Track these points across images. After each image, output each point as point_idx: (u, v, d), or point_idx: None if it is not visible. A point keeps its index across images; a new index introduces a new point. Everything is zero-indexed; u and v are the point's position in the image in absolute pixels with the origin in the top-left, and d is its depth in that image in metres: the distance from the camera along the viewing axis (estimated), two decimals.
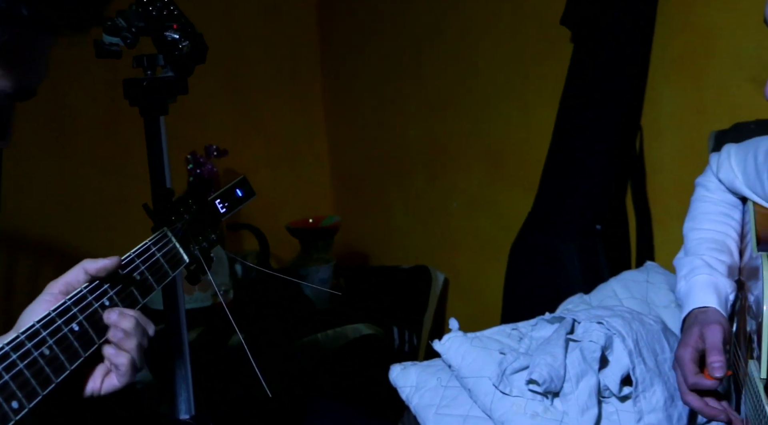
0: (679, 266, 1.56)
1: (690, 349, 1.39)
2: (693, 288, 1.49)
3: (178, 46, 1.39)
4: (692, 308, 1.47)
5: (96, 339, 1.06)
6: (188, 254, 1.29)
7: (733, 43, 2.26)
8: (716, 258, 1.52)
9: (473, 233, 3.22)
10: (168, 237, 1.26)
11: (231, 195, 1.45)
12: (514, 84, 2.95)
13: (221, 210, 1.41)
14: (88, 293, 1.08)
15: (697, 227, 1.62)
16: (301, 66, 3.84)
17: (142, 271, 1.17)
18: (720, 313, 1.44)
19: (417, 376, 1.84)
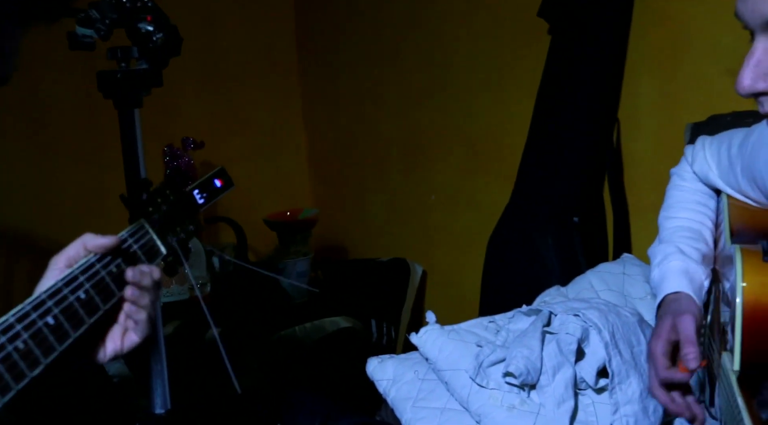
0: (653, 255, 1.56)
1: (662, 342, 1.39)
2: (666, 274, 1.48)
3: (152, 38, 1.38)
4: (665, 293, 1.46)
5: (71, 333, 1.05)
6: (165, 245, 1.28)
7: (710, 36, 2.26)
8: (691, 246, 1.52)
9: (451, 225, 3.22)
10: (145, 228, 1.25)
11: (209, 186, 1.44)
12: (492, 76, 2.95)
13: (199, 201, 1.40)
14: (64, 286, 1.07)
15: (672, 216, 1.61)
16: (278, 58, 3.83)
17: (119, 263, 1.16)
18: (692, 300, 1.44)
19: (394, 369, 1.84)
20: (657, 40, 2.43)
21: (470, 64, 3.03)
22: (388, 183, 3.49)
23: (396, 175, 3.44)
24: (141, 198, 1.28)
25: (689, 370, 1.33)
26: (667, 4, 2.38)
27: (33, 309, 1.01)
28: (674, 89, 2.40)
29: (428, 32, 3.18)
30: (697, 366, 1.32)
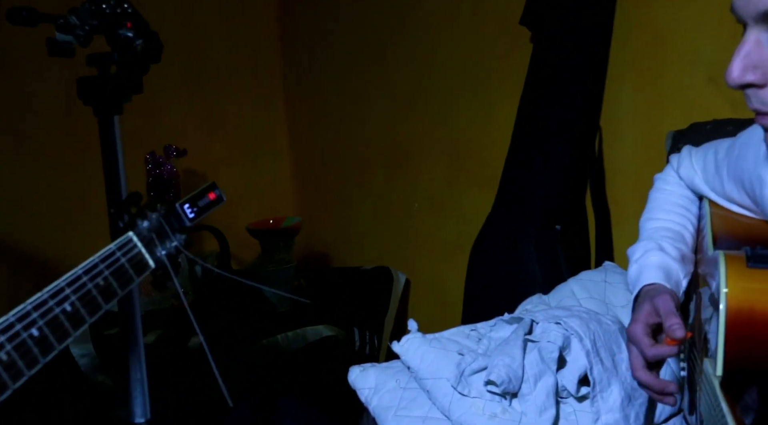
0: (632, 252, 1.55)
1: (641, 324, 1.38)
2: (644, 268, 1.47)
3: (132, 45, 1.37)
4: (643, 285, 1.46)
5: (56, 345, 1.04)
6: (154, 259, 1.27)
7: (691, 45, 2.28)
8: (671, 245, 1.52)
9: (435, 233, 3.22)
10: (133, 242, 1.24)
11: (200, 200, 1.42)
12: (475, 84, 2.96)
13: (190, 215, 1.39)
14: (49, 298, 1.06)
15: (654, 217, 1.61)
16: (261, 65, 3.82)
17: (106, 276, 1.15)
18: (667, 289, 1.44)
19: (376, 378, 1.84)
20: (638, 49, 2.44)
21: (453, 72, 3.03)
22: (372, 191, 3.49)
23: (379, 183, 3.44)
24: (130, 212, 1.27)
25: (676, 340, 1.32)
26: (649, 13, 2.39)
27: (18, 320, 0.99)
28: (655, 98, 2.41)
29: (411, 40, 3.19)
30: (683, 335, 1.32)
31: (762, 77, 1.04)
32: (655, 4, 2.37)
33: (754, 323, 1.21)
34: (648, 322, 1.39)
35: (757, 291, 1.22)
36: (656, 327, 1.39)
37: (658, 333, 1.40)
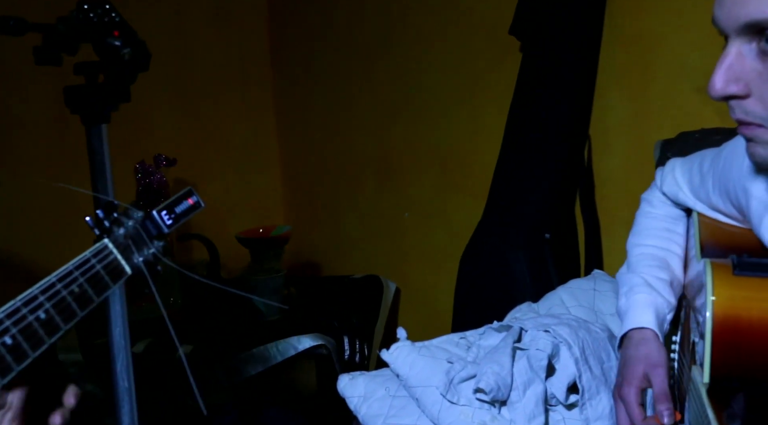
0: (621, 283, 1.59)
1: (634, 389, 1.43)
2: (632, 307, 1.52)
3: (120, 53, 1.37)
4: (630, 327, 1.50)
5: (30, 353, 1.03)
6: (131, 265, 1.27)
7: (679, 55, 2.29)
8: (655, 276, 1.54)
9: (424, 242, 3.22)
10: (109, 249, 1.23)
11: (178, 206, 1.42)
12: (464, 93, 2.96)
13: (167, 221, 1.38)
14: (23, 306, 1.05)
15: (640, 243, 1.64)
16: (251, 75, 3.82)
17: (81, 283, 1.14)
18: (657, 340, 1.47)
19: (365, 386, 1.83)
20: (627, 59, 2.45)
21: (443, 82, 3.04)
22: (362, 200, 3.49)
23: (369, 192, 3.44)
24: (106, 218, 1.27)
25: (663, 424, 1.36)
26: (637, 23, 2.40)
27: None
28: (644, 107, 2.42)
29: (401, 51, 3.20)
30: (672, 422, 1.35)
31: (744, 88, 1.05)
32: (644, 15, 2.38)
33: (741, 330, 1.22)
34: (640, 386, 1.43)
35: (743, 299, 1.23)
36: (646, 391, 1.44)
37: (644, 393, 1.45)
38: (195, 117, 3.64)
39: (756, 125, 1.07)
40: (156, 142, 3.39)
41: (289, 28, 3.76)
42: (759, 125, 1.07)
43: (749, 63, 1.04)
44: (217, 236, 3.33)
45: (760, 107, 1.05)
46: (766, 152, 1.09)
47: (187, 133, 3.59)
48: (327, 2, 3.53)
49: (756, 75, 1.04)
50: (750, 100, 1.06)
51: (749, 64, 1.04)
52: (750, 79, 1.05)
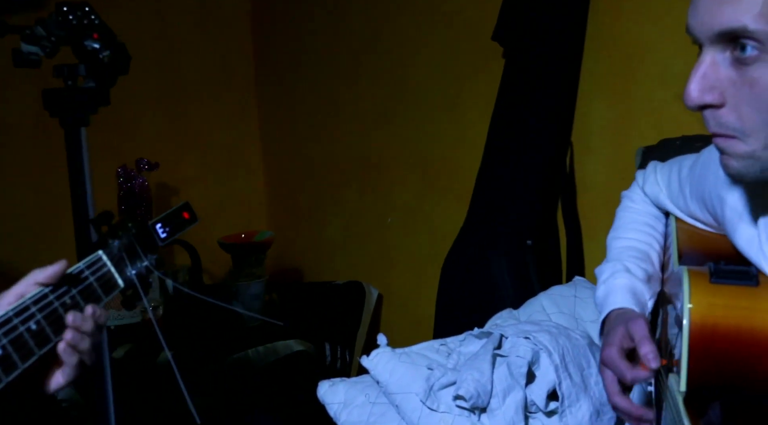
0: (600, 272, 1.56)
1: (615, 348, 1.37)
2: (611, 291, 1.48)
3: (99, 56, 1.36)
4: (611, 309, 1.46)
5: (19, 364, 1.03)
6: (123, 278, 1.26)
7: (660, 61, 2.29)
8: (637, 265, 1.52)
9: (407, 248, 3.22)
10: (102, 261, 1.22)
11: (173, 220, 1.41)
12: (447, 99, 2.97)
13: (162, 235, 1.37)
14: (14, 316, 1.05)
15: (620, 236, 1.62)
16: (235, 79, 3.82)
17: (74, 295, 1.14)
18: (636, 313, 1.44)
19: (345, 393, 1.83)
20: (609, 66, 2.45)
21: (426, 87, 3.04)
22: (345, 205, 3.48)
23: (353, 197, 3.44)
24: (100, 230, 1.26)
25: (651, 369, 1.32)
26: (619, 30, 2.41)
27: None
28: (626, 114, 2.42)
29: (385, 56, 3.20)
30: (659, 364, 1.31)
31: (719, 98, 1.05)
32: (626, 22, 2.39)
33: (718, 339, 1.21)
34: (623, 346, 1.38)
35: (720, 307, 1.23)
36: (630, 352, 1.38)
37: (631, 357, 1.39)
38: (178, 121, 3.62)
39: (730, 137, 1.07)
40: (138, 146, 3.38)
41: (273, 32, 3.75)
42: (732, 137, 1.07)
43: (723, 72, 1.04)
44: (200, 242, 3.31)
45: (734, 117, 1.05)
46: (739, 165, 1.08)
47: (169, 137, 3.58)
48: (311, 7, 3.53)
49: (730, 84, 1.04)
50: (724, 110, 1.05)
51: (724, 72, 1.04)
52: (724, 88, 1.04)
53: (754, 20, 0.98)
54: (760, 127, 1.04)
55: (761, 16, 0.98)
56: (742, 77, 1.03)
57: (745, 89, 1.03)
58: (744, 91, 1.03)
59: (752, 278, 1.23)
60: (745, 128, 1.05)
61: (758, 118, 1.03)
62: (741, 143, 1.06)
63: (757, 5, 0.98)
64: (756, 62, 1.01)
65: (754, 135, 1.05)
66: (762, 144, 1.05)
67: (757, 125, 1.04)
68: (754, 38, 0.99)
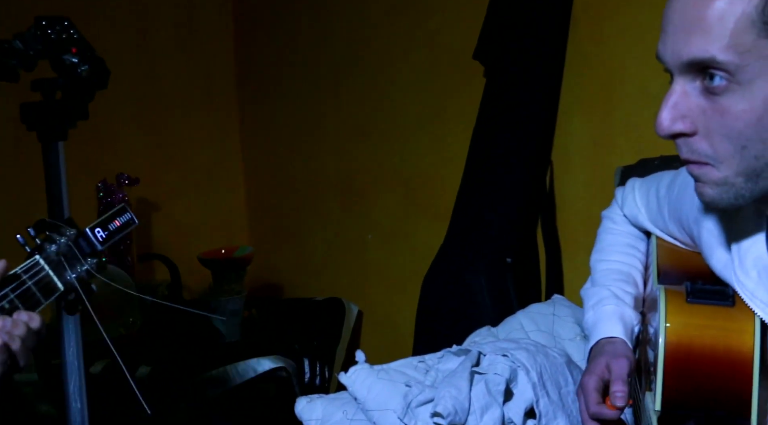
0: (587, 297, 1.57)
1: (595, 377, 1.40)
2: (600, 318, 1.50)
3: (77, 70, 1.36)
4: (600, 338, 1.48)
5: None
6: (63, 282, 1.27)
7: (640, 82, 2.31)
8: (622, 289, 1.53)
9: (388, 265, 3.22)
10: (40, 265, 1.23)
11: (110, 223, 1.41)
12: (429, 117, 2.97)
13: (100, 238, 1.37)
14: None
15: (604, 259, 1.63)
16: (216, 95, 3.81)
17: (12, 299, 1.15)
18: (626, 345, 1.46)
19: (323, 409, 1.82)
20: (589, 85, 2.47)
21: (407, 106, 3.05)
22: (326, 223, 3.48)
23: (333, 215, 3.44)
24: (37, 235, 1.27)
25: (616, 407, 1.33)
26: (599, 50, 2.43)
27: None
28: (605, 133, 2.44)
29: (366, 74, 3.21)
30: (624, 404, 1.33)
31: (691, 126, 1.06)
32: (606, 41, 2.40)
33: (693, 358, 1.22)
34: (602, 377, 1.41)
35: (695, 327, 1.24)
36: (608, 382, 1.41)
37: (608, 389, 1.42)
38: (159, 136, 3.61)
39: (703, 164, 1.08)
40: (119, 160, 3.37)
41: (255, 49, 3.76)
42: (706, 164, 1.07)
43: (694, 101, 1.05)
44: (180, 257, 3.30)
45: (706, 145, 1.06)
46: (714, 192, 1.09)
47: (150, 152, 3.57)
48: (293, 24, 3.54)
49: (701, 113, 1.05)
50: (696, 138, 1.06)
51: (694, 101, 1.05)
52: (695, 117, 1.05)
53: (722, 51, 0.99)
54: (732, 154, 1.05)
55: (729, 48, 0.99)
56: (712, 106, 1.04)
57: (716, 118, 1.04)
58: (715, 120, 1.04)
59: (728, 299, 1.24)
60: (717, 156, 1.06)
61: (730, 146, 1.04)
62: (714, 169, 1.07)
63: (726, 37, 0.99)
64: (726, 92, 1.02)
65: (726, 162, 1.06)
66: (734, 171, 1.06)
67: (729, 153, 1.05)
68: (723, 69, 1.00)
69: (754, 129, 1.02)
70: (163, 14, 3.62)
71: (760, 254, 1.18)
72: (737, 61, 0.99)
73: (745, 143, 1.03)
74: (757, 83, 1.00)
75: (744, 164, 1.04)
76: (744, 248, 1.20)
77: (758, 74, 0.99)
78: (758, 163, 1.04)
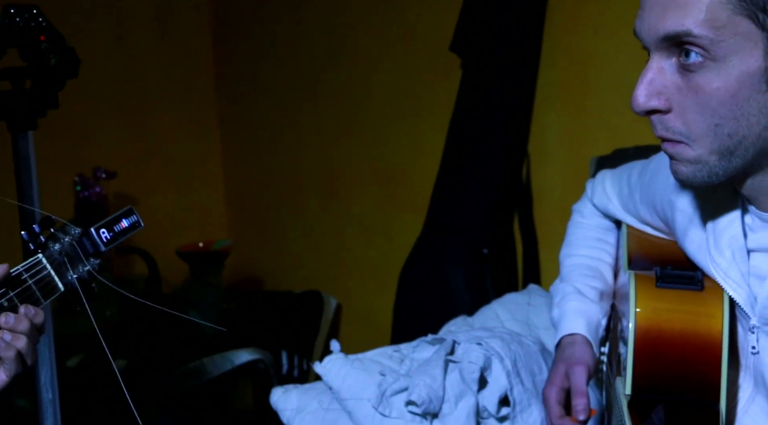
0: (554, 293, 1.58)
1: (555, 389, 1.42)
2: (564, 315, 1.50)
3: (46, 59, 1.35)
4: (562, 335, 1.49)
5: None
6: (64, 282, 1.25)
7: (614, 73, 2.32)
8: (588, 285, 1.54)
9: (366, 258, 3.22)
10: (42, 264, 1.21)
11: (116, 224, 1.40)
12: (406, 111, 2.98)
13: (105, 239, 1.36)
14: None
15: (572, 254, 1.64)
16: (195, 89, 3.80)
17: (11, 298, 1.14)
18: (587, 344, 1.46)
19: (298, 399, 1.82)
20: (565, 78, 2.48)
21: (385, 100, 3.05)
22: (304, 215, 3.48)
23: (312, 207, 3.44)
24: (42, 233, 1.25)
25: (578, 420, 1.35)
26: (574, 41, 2.43)
27: None
28: (581, 124, 2.44)
29: (344, 69, 3.21)
30: (586, 417, 1.34)
31: (666, 103, 1.07)
32: (581, 34, 2.41)
33: (662, 342, 1.23)
34: (562, 386, 1.42)
35: (665, 311, 1.24)
36: (569, 391, 1.42)
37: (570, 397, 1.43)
38: (137, 130, 3.60)
39: (677, 142, 1.08)
40: (96, 154, 3.35)
41: (234, 44, 3.75)
42: (680, 142, 1.08)
43: (670, 78, 1.05)
44: (159, 251, 3.29)
45: (680, 122, 1.06)
46: (688, 170, 1.09)
47: (128, 146, 3.55)
48: (271, 20, 3.53)
49: (676, 90, 1.06)
50: (671, 116, 1.07)
51: (670, 79, 1.05)
52: (671, 94, 1.06)
53: (698, 25, 1.00)
54: (706, 132, 1.05)
55: (705, 23, 0.99)
56: (687, 84, 1.04)
57: (691, 95, 1.04)
58: (689, 98, 1.05)
59: (697, 283, 1.25)
60: (691, 134, 1.06)
61: (703, 124, 1.05)
62: (688, 148, 1.08)
63: (702, 12, 1.00)
64: (700, 69, 1.02)
65: (699, 140, 1.06)
66: (708, 149, 1.06)
67: (703, 131, 1.05)
68: (698, 44, 1.01)
69: (727, 107, 1.02)
70: (142, 8, 3.61)
71: (735, 234, 1.18)
72: (712, 35, 0.99)
73: (718, 120, 1.03)
74: (732, 61, 1.00)
75: (717, 142, 1.05)
76: (720, 227, 1.21)
77: (733, 51, 1.00)
78: (731, 141, 1.04)
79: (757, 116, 1.03)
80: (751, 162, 1.08)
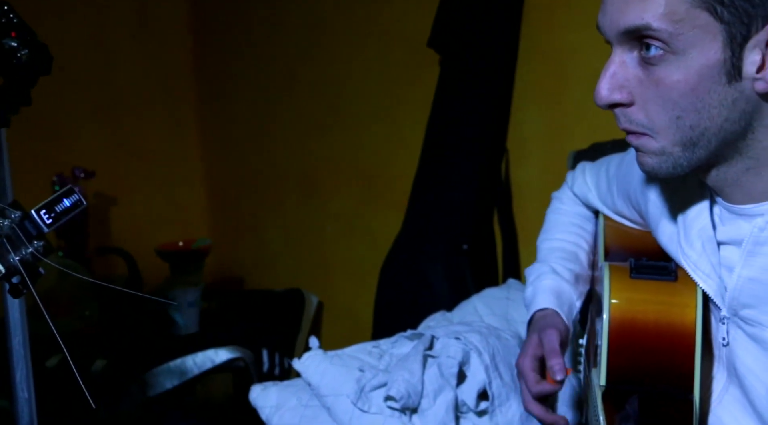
0: (528, 273, 1.58)
1: (529, 358, 1.40)
2: (537, 292, 1.50)
3: (16, 55, 1.34)
4: (533, 311, 1.48)
5: None
6: (5, 265, 1.25)
7: (592, 68, 2.29)
8: (564, 266, 1.54)
9: (346, 255, 3.22)
10: None
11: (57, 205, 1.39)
12: (384, 107, 2.98)
13: (46, 221, 1.36)
14: None
15: (549, 238, 1.64)
16: (174, 88, 3.78)
17: None
18: (558, 315, 1.45)
19: (277, 396, 1.82)
20: (542, 72, 2.48)
21: (362, 96, 3.05)
22: (284, 214, 3.48)
23: (292, 206, 3.43)
24: None
25: (556, 381, 1.33)
26: (552, 37, 2.44)
27: None
28: (558, 118, 2.45)
29: (321, 67, 3.21)
30: (563, 376, 1.33)
31: (628, 97, 1.08)
32: (558, 29, 2.42)
33: (636, 333, 1.23)
34: (536, 354, 1.40)
35: (639, 302, 1.25)
36: (543, 359, 1.41)
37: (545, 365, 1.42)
38: (116, 130, 3.58)
39: (641, 134, 1.09)
40: (75, 154, 3.34)
41: (213, 43, 3.74)
42: (644, 134, 1.09)
43: (632, 71, 1.07)
44: (138, 250, 3.28)
45: (643, 115, 1.08)
46: (653, 162, 1.11)
47: (107, 145, 3.53)
48: (249, 18, 3.52)
49: (638, 83, 1.07)
50: (633, 109, 1.08)
51: (632, 72, 1.07)
52: (633, 87, 1.08)
53: (656, 19, 1.01)
54: (668, 124, 1.07)
55: (664, 16, 1.01)
56: (649, 77, 1.06)
57: (652, 88, 1.06)
58: (651, 91, 1.06)
59: (671, 274, 1.26)
60: (654, 126, 1.08)
61: (665, 116, 1.06)
62: (652, 140, 1.09)
63: (661, 6, 1.01)
64: (661, 62, 1.04)
65: (662, 132, 1.08)
66: (671, 141, 1.08)
67: (665, 123, 1.07)
68: (658, 38, 1.02)
69: (688, 100, 1.04)
70: (119, 7, 3.59)
71: (704, 226, 1.19)
72: (671, 29, 1.01)
73: (680, 113, 1.05)
74: (691, 53, 1.01)
75: (680, 134, 1.06)
76: (689, 219, 1.22)
77: (692, 44, 1.01)
78: (694, 133, 1.06)
79: (718, 108, 1.04)
80: (714, 153, 1.09)
